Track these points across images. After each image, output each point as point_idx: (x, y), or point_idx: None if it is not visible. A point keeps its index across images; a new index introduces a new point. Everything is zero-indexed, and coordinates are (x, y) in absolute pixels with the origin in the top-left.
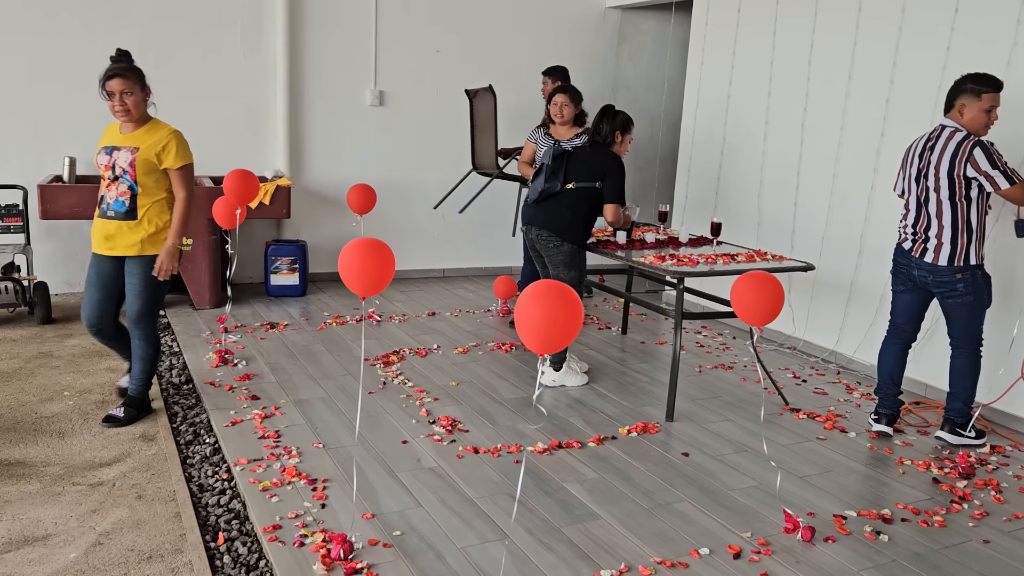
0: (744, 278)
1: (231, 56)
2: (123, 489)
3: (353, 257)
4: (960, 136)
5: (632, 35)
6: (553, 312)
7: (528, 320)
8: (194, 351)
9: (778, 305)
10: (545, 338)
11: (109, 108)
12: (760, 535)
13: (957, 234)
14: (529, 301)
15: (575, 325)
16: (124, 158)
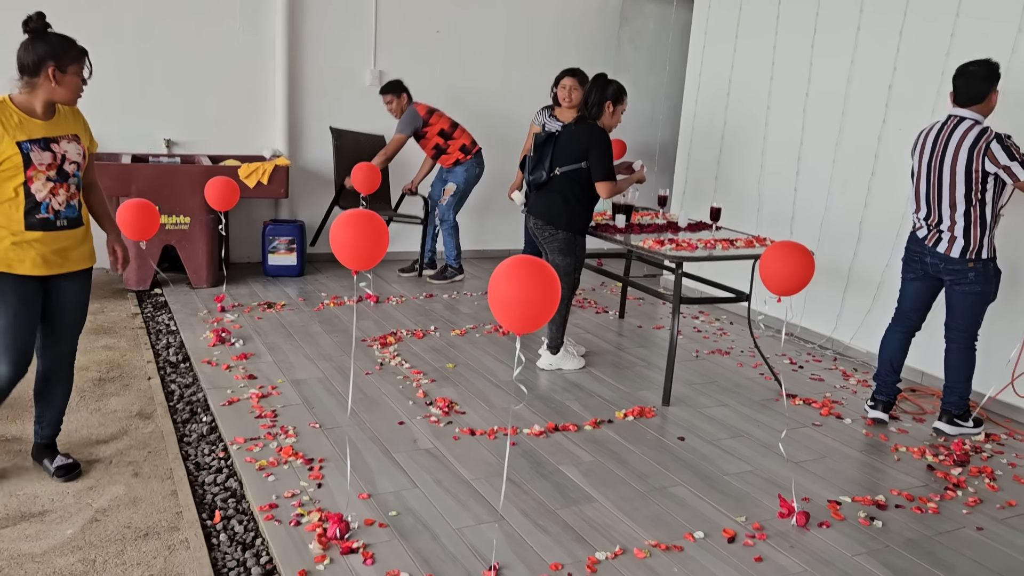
0: (776, 247)
1: (229, 33)
2: (120, 466)
3: (345, 231)
4: (977, 130)
5: (634, 18)
6: (528, 291)
7: (502, 299)
8: (191, 330)
9: (807, 277)
10: (520, 318)
11: (72, 87)
12: (755, 519)
13: (970, 228)
14: (501, 280)
15: (551, 305)
16: (73, 151)
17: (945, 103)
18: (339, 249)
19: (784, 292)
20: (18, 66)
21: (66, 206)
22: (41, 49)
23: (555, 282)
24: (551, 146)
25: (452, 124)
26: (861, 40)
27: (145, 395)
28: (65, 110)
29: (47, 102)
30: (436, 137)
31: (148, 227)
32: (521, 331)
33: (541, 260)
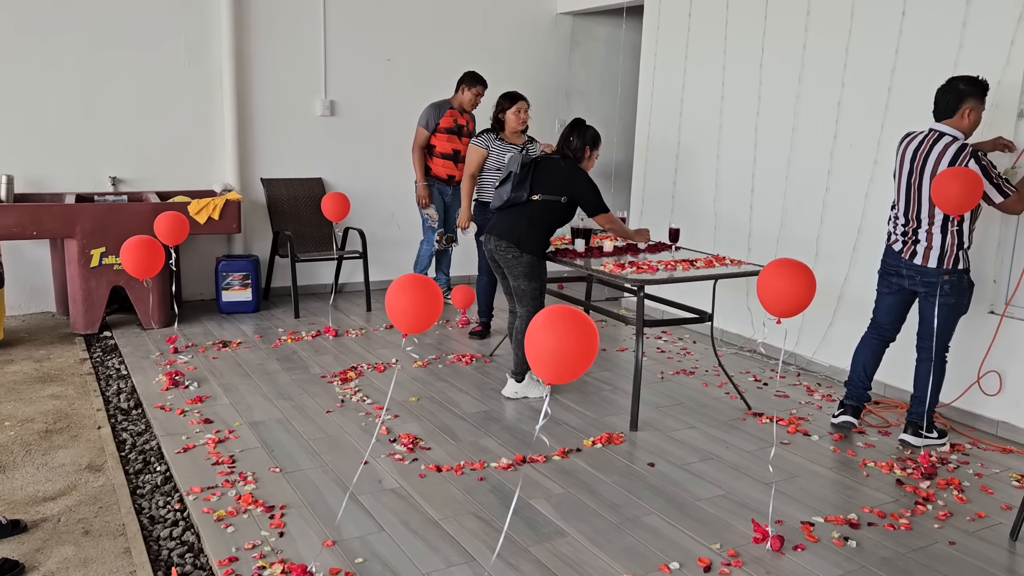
0: (774, 265)
1: (175, 66)
2: (68, 525)
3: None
4: (956, 147)
5: (584, 40)
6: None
7: (543, 349)
8: (143, 373)
9: (807, 298)
10: (562, 368)
11: None
12: (729, 546)
13: (946, 239)
14: (543, 330)
15: (591, 353)
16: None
17: (893, 117)
18: (395, 315)
19: (785, 314)
20: None
21: None
22: None
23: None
24: (530, 171)
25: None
26: (807, 59)
27: (95, 446)
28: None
29: None
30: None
31: (153, 264)
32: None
33: (577, 310)
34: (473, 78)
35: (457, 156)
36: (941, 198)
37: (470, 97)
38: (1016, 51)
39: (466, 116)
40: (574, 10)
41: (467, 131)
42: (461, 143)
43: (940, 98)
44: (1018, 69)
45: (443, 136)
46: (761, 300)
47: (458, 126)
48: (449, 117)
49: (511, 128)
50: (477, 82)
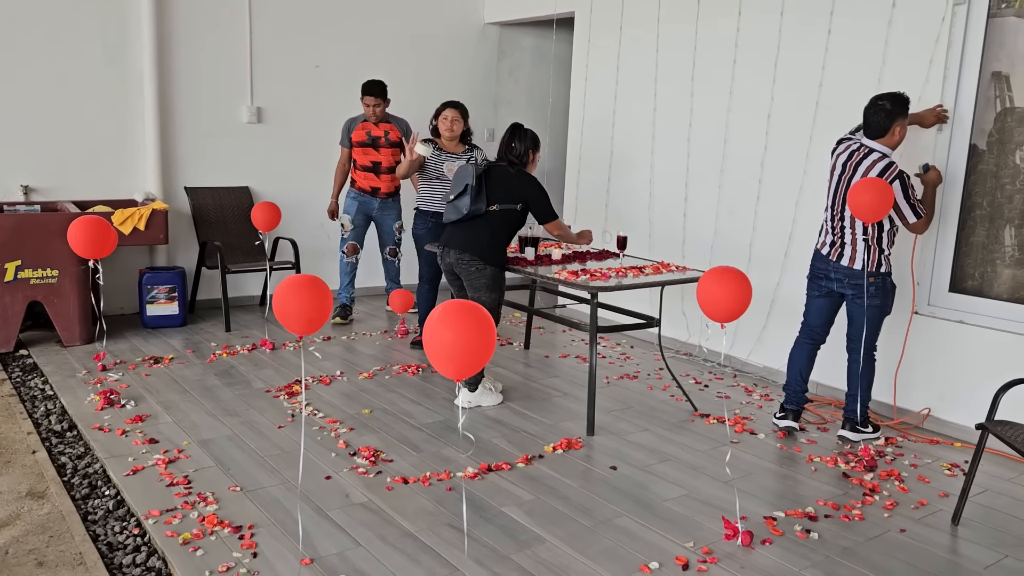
0: (712, 273)
1: (92, 69)
2: (19, 556)
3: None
4: (884, 164)
5: (512, 51)
6: (465, 336)
7: (441, 345)
8: (72, 393)
9: (745, 302)
10: (460, 363)
11: None
12: (702, 543)
13: (870, 244)
14: (439, 325)
15: (488, 347)
16: None
17: (821, 129)
18: (284, 316)
19: (724, 319)
20: None
21: None
22: None
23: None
24: (485, 181)
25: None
26: (738, 71)
27: (32, 471)
28: None
29: None
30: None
31: (105, 243)
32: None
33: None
34: (363, 88)
35: (377, 168)
36: (855, 206)
37: (365, 109)
38: (934, 69)
39: (384, 125)
40: (502, 20)
41: (387, 140)
42: (379, 154)
43: (871, 119)
44: (936, 86)
45: (359, 150)
46: (701, 307)
47: (372, 138)
48: (361, 130)
49: (443, 136)
50: (364, 92)
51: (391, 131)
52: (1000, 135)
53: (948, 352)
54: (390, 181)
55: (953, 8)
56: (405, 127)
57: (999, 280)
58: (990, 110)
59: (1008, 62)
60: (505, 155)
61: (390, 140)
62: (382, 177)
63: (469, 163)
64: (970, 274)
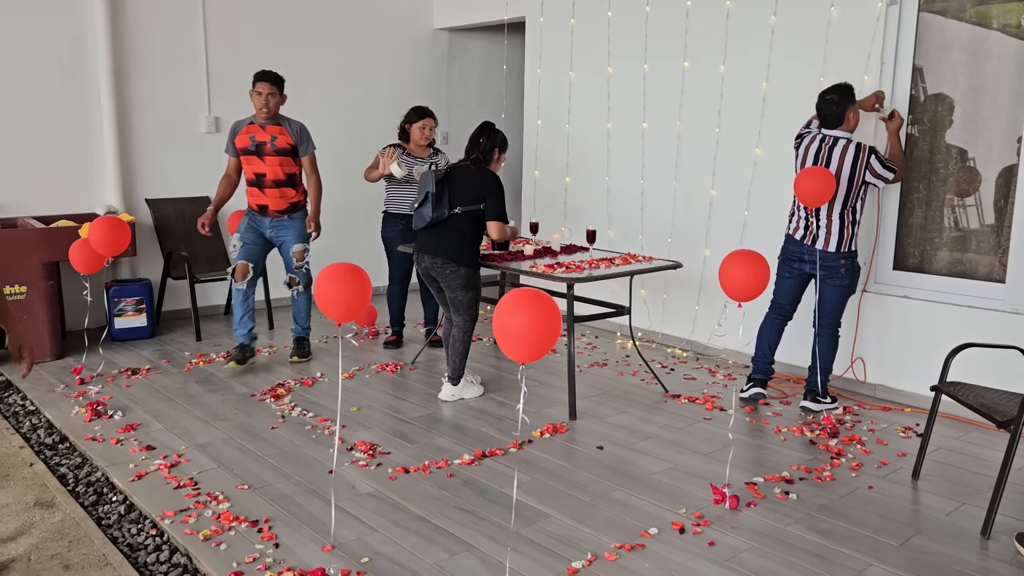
0: (734, 256)
1: (47, 82)
2: (43, 562)
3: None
4: (854, 147)
5: (461, 55)
6: (534, 321)
7: (511, 331)
8: (55, 407)
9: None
10: (529, 347)
11: None
12: (694, 509)
13: (844, 225)
14: (508, 313)
15: (554, 331)
16: None
17: (769, 124)
18: (325, 303)
19: (744, 298)
20: None
21: None
22: None
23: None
24: (446, 185)
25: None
26: (689, 71)
27: (34, 483)
28: None
29: None
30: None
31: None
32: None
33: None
34: (255, 75)
35: (261, 181)
36: (802, 192)
37: (255, 99)
38: (872, 63)
39: (272, 128)
40: (451, 26)
41: (273, 146)
42: (264, 163)
43: (825, 110)
44: (874, 78)
45: (244, 159)
46: (724, 287)
47: (256, 144)
48: (245, 135)
49: (415, 141)
50: (256, 79)
51: (280, 136)
52: (932, 123)
53: (894, 325)
54: (279, 197)
55: (886, 8)
56: (300, 130)
57: (937, 257)
58: (920, 99)
59: (935, 55)
60: (471, 150)
61: (277, 147)
62: (268, 192)
63: (430, 169)
64: (911, 252)
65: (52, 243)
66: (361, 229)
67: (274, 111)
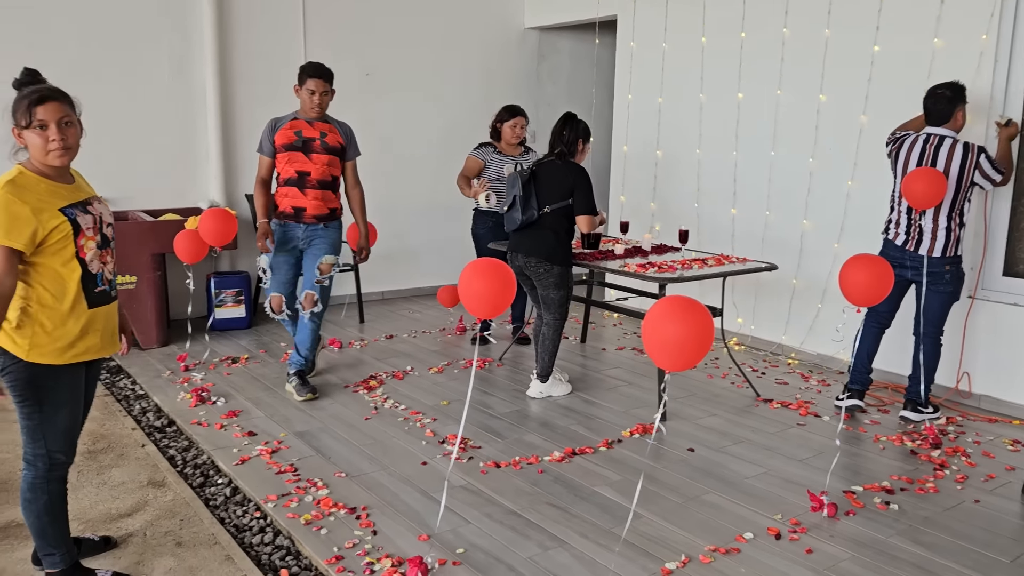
0: (853, 260)
1: (158, 85)
2: (157, 538)
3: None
4: (962, 146)
5: (550, 54)
6: (686, 330)
7: (663, 340)
8: (162, 392)
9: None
10: (680, 357)
11: (37, 144)
12: (790, 515)
13: (950, 229)
14: (660, 320)
15: (707, 342)
16: (108, 213)
17: (873, 123)
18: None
19: (866, 303)
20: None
21: (113, 274)
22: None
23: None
24: (533, 185)
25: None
26: (786, 67)
27: (147, 463)
28: (76, 172)
29: (47, 167)
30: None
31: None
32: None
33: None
34: (305, 70)
35: (304, 180)
36: (912, 194)
37: (304, 97)
38: (985, 61)
39: (321, 125)
40: (541, 25)
41: (323, 144)
42: (311, 161)
43: (934, 107)
44: (986, 77)
45: (283, 156)
46: (844, 291)
47: (304, 140)
48: (289, 130)
49: (506, 140)
50: (309, 74)
51: (330, 133)
52: None
53: (1003, 333)
54: (320, 200)
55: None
56: (349, 132)
57: None
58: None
59: None
60: (555, 143)
61: (327, 144)
62: (309, 193)
63: (516, 170)
64: (1022, 258)
65: (160, 235)
66: (440, 226)
67: (326, 108)
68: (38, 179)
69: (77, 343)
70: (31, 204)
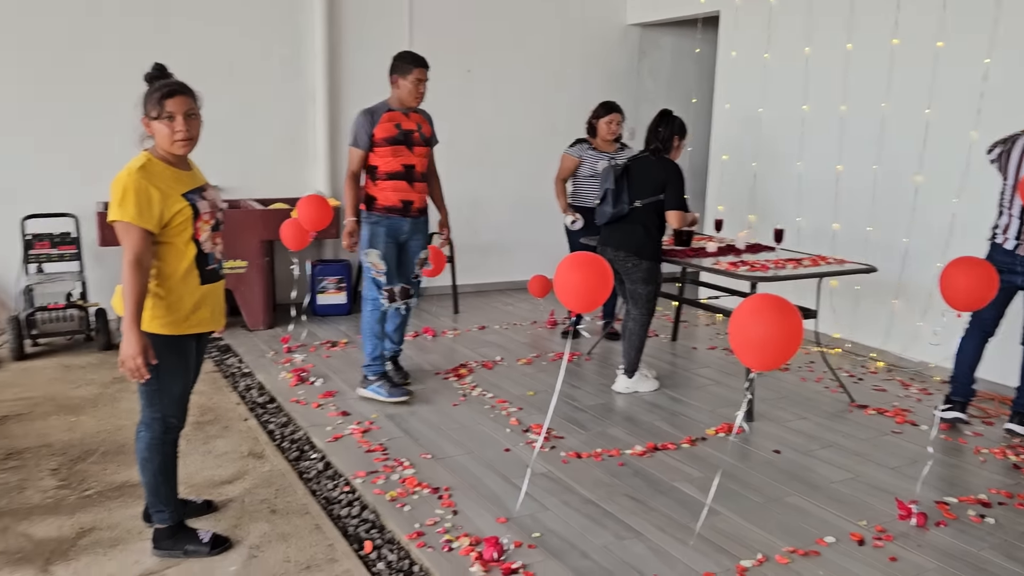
0: (955, 264)
1: (270, 80)
2: (254, 504)
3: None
4: None
5: (651, 50)
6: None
7: (749, 338)
8: (265, 371)
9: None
10: (768, 355)
11: (164, 134)
12: (875, 522)
13: None
14: (748, 319)
15: (796, 340)
16: (220, 199)
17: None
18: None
19: (967, 308)
20: None
21: (221, 255)
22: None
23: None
24: (626, 179)
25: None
26: (896, 68)
27: (248, 436)
28: (191, 161)
29: (171, 155)
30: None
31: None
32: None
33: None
34: (408, 60)
35: (411, 174)
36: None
37: (409, 86)
38: None
39: (415, 116)
40: (643, 21)
41: (420, 137)
42: (413, 154)
43: None
44: None
45: (385, 150)
46: (944, 295)
47: (404, 132)
48: (388, 122)
49: (601, 136)
50: (414, 63)
51: (423, 124)
52: None
53: None
54: (423, 192)
55: None
56: (432, 121)
57: None
58: None
59: None
60: (650, 140)
61: (424, 136)
62: (416, 187)
63: (610, 164)
64: None
65: (269, 223)
66: (535, 221)
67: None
68: (164, 166)
69: (191, 316)
70: (160, 189)
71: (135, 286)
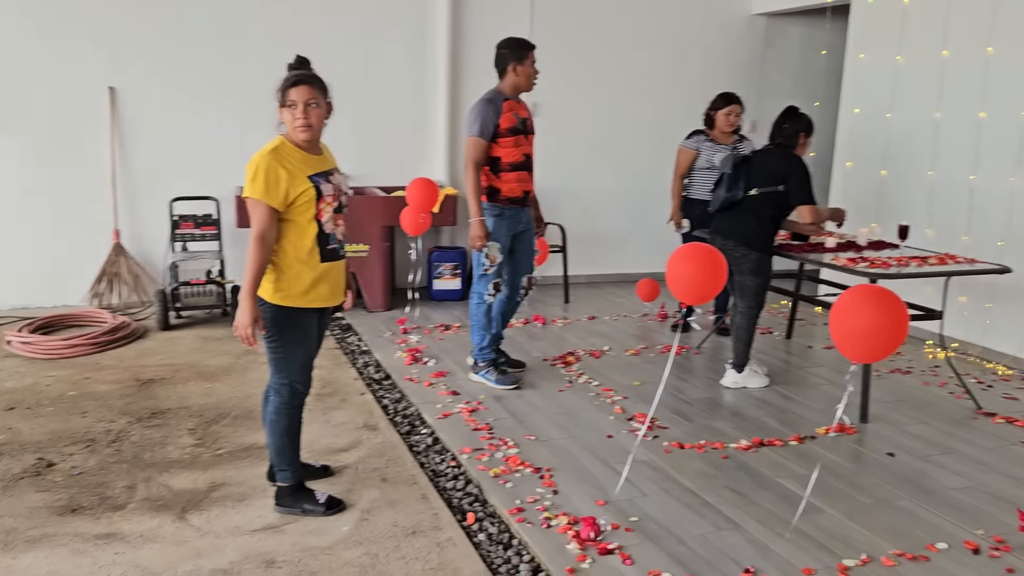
0: None
1: (395, 71)
2: (366, 472)
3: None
4: None
5: (778, 41)
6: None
7: (851, 330)
8: (382, 350)
9: None
10: (871, 347)
11: (288, 120)
12: (994, 532)
13: None
14: (850, 311)
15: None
16: (345, 183)
17: None
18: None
19: None
20: None
21: (343, 236)
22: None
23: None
24: (744, 167)
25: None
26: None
27: (364, 409)
28: (324, 146)
29: (304, 140)
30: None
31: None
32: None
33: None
34: (522, 45)
35: (530, 163)
36: None
37: (528, 71)
38: None
39: (523, 105)
40: (769, 11)
41: (532, 125)
42: (529, 143)
43: None
44: None
45: (508, 141)
46: None
47: (521, 120)
48: (509, 112)
49: (719, 128)
50: (530, 47)
51: (530, 112)
52: None
53: None
54: (533, 182)
55: None
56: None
57: None
58: None
59: None
60: (774, 136)
61: (532, 125)
62: (532, 177)
63: (731, 151)
64: None
65: (390, 209)
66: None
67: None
68: (294, 149)
69: (311, 291)
70: (288, 170)
71: (256, 259)
